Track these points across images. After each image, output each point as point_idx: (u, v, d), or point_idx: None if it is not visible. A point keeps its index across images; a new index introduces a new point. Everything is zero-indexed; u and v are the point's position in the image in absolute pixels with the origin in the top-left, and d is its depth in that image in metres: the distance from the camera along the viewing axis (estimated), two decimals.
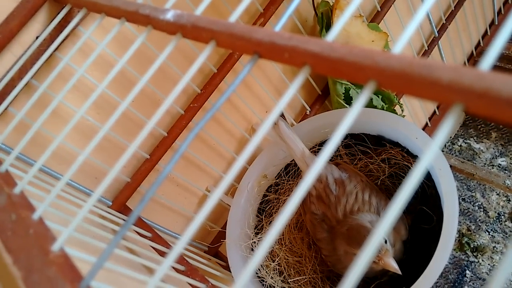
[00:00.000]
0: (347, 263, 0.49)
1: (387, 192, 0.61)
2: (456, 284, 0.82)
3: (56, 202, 0.37)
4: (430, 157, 0.15)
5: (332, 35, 0.22)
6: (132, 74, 0.51)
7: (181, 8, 0.54)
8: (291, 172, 0.62)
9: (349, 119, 0.17)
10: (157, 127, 0.55)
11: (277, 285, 0.55)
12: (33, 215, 0.26)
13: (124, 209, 0.52)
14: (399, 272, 0.45)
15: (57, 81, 0.47)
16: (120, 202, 0.52)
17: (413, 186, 0.15)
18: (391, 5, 0.75)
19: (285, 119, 0.55)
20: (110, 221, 0.43)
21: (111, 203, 0.53)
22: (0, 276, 0.26)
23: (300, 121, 0.72)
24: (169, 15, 0.29)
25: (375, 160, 0.59)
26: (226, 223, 0.59)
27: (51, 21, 0.43)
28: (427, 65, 0.16)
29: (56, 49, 0.45)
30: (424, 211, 0.54)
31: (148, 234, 0.48)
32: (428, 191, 0.54)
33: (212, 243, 0.66)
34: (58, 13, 0.43)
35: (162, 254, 0.45)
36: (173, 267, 0.43)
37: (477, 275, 0.82)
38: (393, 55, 0.17)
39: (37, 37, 0.44)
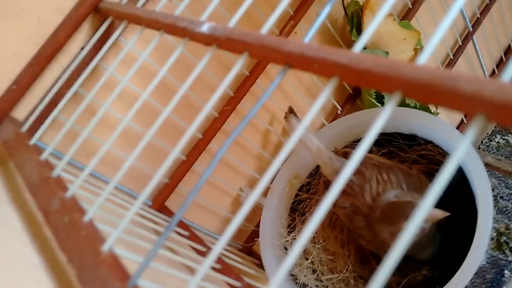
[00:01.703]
0: None
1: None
2: (494, 284, 0.80)
3: (103, 204, 0.40)
4: (449, 171, 0.16)
5: (360, 45, 0.23)
6: (170, 80, 0.53)
7: (217, 17, 0.56)
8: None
9: (374, 130, 0.18)
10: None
11: (311, 283, 0.56)
12: (84, 218, 0.28)
13: (163, 209, 0.55)
14: (447, 214, 0.45)
15: (101, 89, 0.50)
16: (159, 202, 0.55)
17: (441, 188, 0.16)
18: (422, 1, 0.74)
19: (296, 116, 0.56)
20: (151, 221, 0.46)
21: (151, 203, 0.55)
22: (56, 273, 0.29)
23: (331, 121, 0.72)
24: (205, 28, 0.31)
25: (409, 156, 0.59)
26: (259, 222, 0.60)
27: (95, 33, 0.46)
28: (451, 76, 0.17)
29: (100, 59, 0.48)
30: (459, 208, 0.54)
31: (186, 233, 0.50)
32: (462, 189, 0.54)
33: (246, 241, 0.67)
34: (101, 25, 0.46)
35: (200, 252, 0.47)
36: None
37: None
38: (418, 67, 0.18)
39: (82, 48, 0.47)
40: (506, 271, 0.80)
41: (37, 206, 0.33)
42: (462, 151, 0.16)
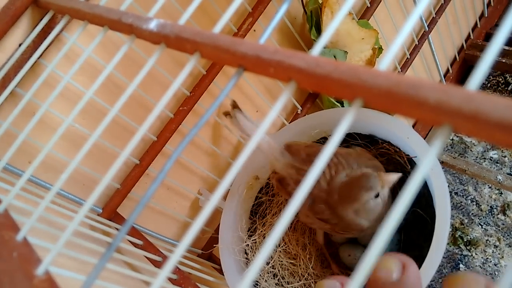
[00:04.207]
0: (364, 215, 0.48)
1: None
2: None
3: (43, 216, 0.37)
4: (416, 183, 0.15)
5: (318, 48, 0.21)
6: (118, 78, 0.50)
7: (168, 12, 0.53)
8: None
9: (334, 141, 0.17)
10: (146, 132, 0.54)
11: None
12: (17, 236, 0.25)
13: (114, 217, 0.52)
14: (400, 174, 0.46)
15: (42, 88, 0.46)
16: (110, 209, 0.52)
17: (409, 200, 0.15)
18: (380, 1, 0.74)
19: (241, 111, 0.53)
20: (101, 232, 0.42)
21: (101, 211, 0.52)
22: None
23: (291, 120, 0.71)
24: (152, 25, 0.28)
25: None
26: (219, 226, 0.58)
27: (34, 28, 0.42)
28: (414, 84, 0.16)
29: (40, 56, 0.44)
30: (417, 209, 0.54)
31: (139, 242, 0.47)
32: (420, 190, 0.54)
33: (205, 246, 0.65)
34: (41, 19, 0.42)
35: (154, 262, 0.44)
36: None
37: (471, 268, 0.82)
38: (380, 73, 0.17)
39: (20, 45, 0.43)
40: (461, 265, 0.82)
41: None
42: (428, 164, 0.15)
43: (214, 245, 0.64)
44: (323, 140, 0.60)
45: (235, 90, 0.65)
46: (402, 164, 0.55)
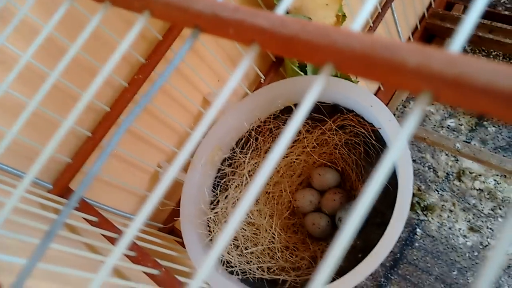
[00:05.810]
0: None
1: (343, 160, 0.61)
2: (408, 241, 0.85)
3: None
4: (395, 155, 0.13)
5: (282, 7, 0.19)
6: (61, 41, 0.45)
7: None
8: (245, 145, 0.60)
9: (301, 112, 0.15)
10: (97, 102, 0.51)
11: (234, 260, 0.54)
12: None
13: (66, 193, 0.48)
14: None
15: None
16: (61, 185, 0.48)
17: (379, 186, 0.14)
18: None
19: None
20: (52, 210, 0.39)
21: (51, 187, 0.48)
22: None
23: (254, 90, 0.69)
24: None
25: (330, 127, 0.58)
26: (180, 199, 0.56)
27: None
28: (391, 46, 0.14)
29: None
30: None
31: (94, 219, 0.44)
32: (383, 158, 0.54)
33: (167, 220, 0.63)
34: None
35: (111, 240, 0.42)
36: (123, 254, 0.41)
37: (427, 232, 0.85)
38: (353, 34, 0.15)
39: None
40: (418, 230, 0.85)
41: None
42: (406, 134, 0.14)
43: (175, 219, 0.62)
44: (289, 110, 0.58)
45: (194, 58, 0.61)
46: (366, 136, 0.54)
